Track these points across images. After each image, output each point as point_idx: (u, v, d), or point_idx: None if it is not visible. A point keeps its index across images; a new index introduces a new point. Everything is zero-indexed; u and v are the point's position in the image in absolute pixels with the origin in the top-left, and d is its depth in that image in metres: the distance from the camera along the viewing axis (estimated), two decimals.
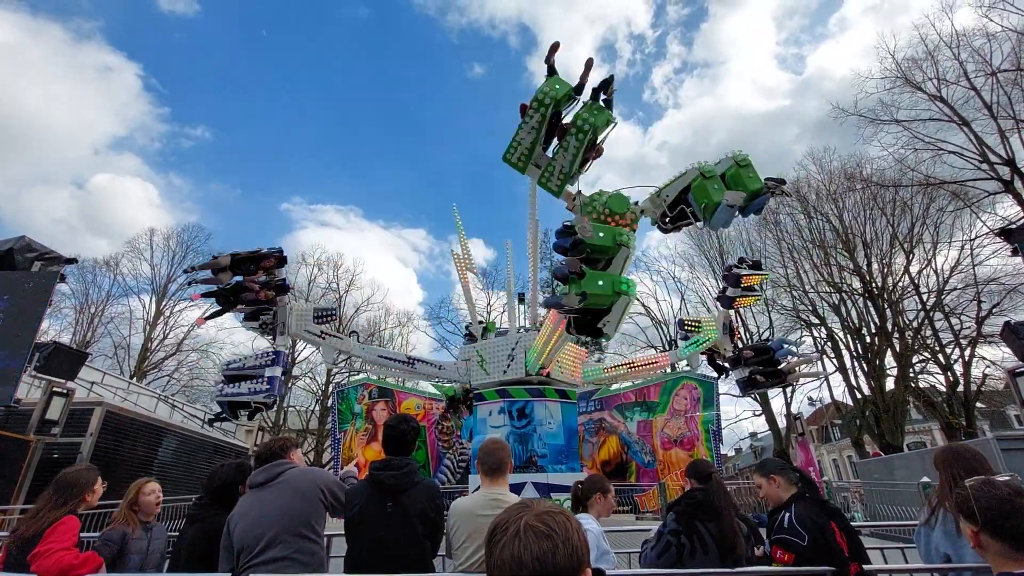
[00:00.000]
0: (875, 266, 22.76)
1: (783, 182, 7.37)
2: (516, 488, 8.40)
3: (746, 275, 10.94)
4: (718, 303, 11.92)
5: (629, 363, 12.62)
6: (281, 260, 9.31)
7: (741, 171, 6.93)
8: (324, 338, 10.21)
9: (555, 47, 6.96)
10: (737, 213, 7.04)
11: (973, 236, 20.64)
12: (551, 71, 6.95)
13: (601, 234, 6.43)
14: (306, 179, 76.57)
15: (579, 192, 7.33)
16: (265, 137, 78.96)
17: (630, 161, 78.11)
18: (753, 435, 41.95)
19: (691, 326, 12.47)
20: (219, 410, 9.63)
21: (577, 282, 6.07)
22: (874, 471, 13.64)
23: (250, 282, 8.88)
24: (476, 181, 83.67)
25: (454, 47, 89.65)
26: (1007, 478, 1.68)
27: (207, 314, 9.53)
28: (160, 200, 61.14)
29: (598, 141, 6.86)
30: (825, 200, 24.50)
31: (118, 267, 29.47)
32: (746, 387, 11.45)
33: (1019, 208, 17.88)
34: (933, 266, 21.76)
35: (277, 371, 9.15)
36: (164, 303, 29.47)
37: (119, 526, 3.27)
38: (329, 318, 10.33)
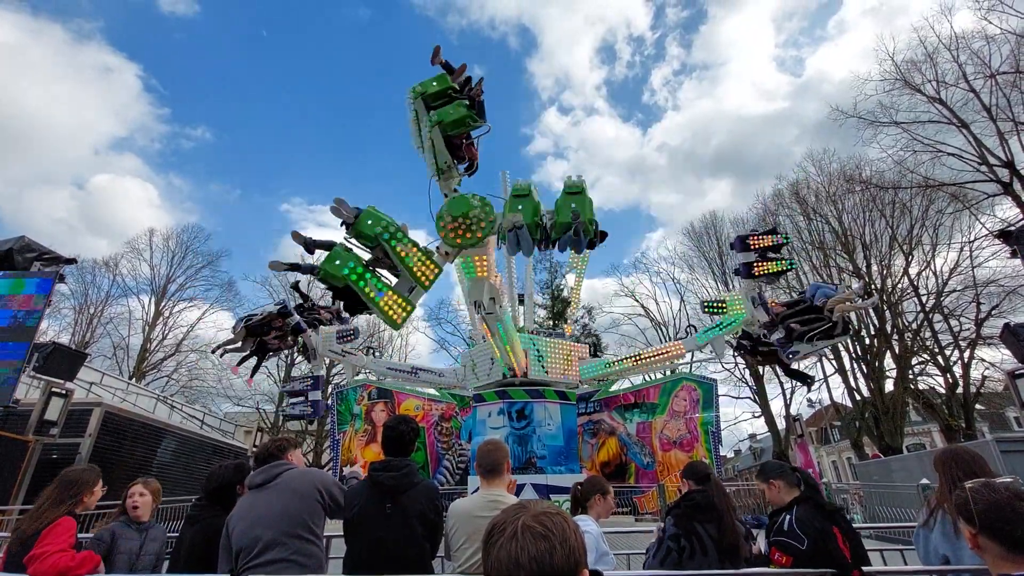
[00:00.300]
0: (874, 268, 22.79)
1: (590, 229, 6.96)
2: (517, 490, 8.37)
3: (755, 237, 9.38)
4: (738, 277, 10.21)
5: (636, 356, 12.10)
6: (286, 314, 10.23)
7: (567, 198, 7.04)
8: (344, 356, 11.68)
9: (438, 49, 7.14)
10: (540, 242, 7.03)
11: (972, 238, 20.69)
12: (447, 69, 7.07)
13: (369, 221, 6.58)
14: (306, 180, 76.69)
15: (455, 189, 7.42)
16: (265, 138, 79.09)
17: (629, 162, 78.22)
18: (752, 437, 41.98)
19: (715, 307, 11.21)
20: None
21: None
22: (873, 473, 13.63)
23: (269, 341, 10.08)
24: (476, 181, 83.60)
25: (454, 48, 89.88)
26: (1007, 481, 1.68)
27: (239, 362, 10.64)
28: (160, 200, 61.25)
29: (451, 135, 6.86)
30: (824, 202, 24.53)
31: (117, 267, 29.47)
32: (786, 345, 9.47)
33: (1018, 210, 17.90)
34: (932, 268, 21.81)
35: (318, 395, 11.41)
36: (163, 304, 29.46)
37: (110, 525, 3.30)
38: (350, 338, 11.68)
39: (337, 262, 6.41)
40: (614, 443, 16.48)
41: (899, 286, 22.30)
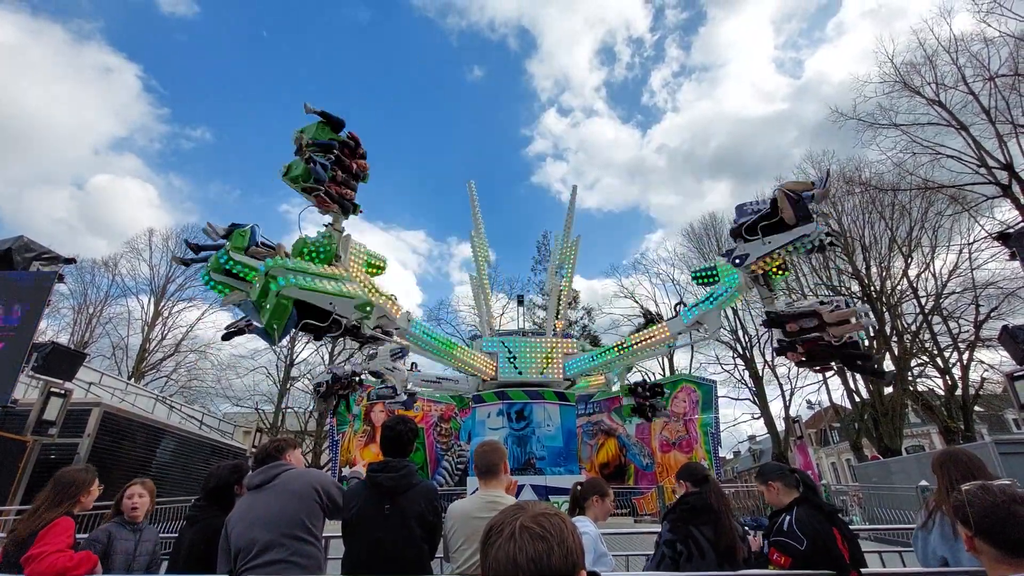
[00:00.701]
0: (874, 269, 22.81)
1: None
2: (518, 490, 8.36)
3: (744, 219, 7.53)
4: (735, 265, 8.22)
5: (619, 345, 10.44)
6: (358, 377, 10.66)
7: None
8: (394, 372, 12.01)
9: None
10: None
11: (971, 240, 20.72)
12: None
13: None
14: None
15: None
16: (264, 138, 79.07)
17: (629, 164, 78.25)
18: (752, 438, 41.96)
19: (706, 277, 9.10)
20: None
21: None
22: (872, 475, 13.63)
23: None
24: (474, 182, 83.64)
25: (454, 49, 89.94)
26: (1004, 483, 1.68)
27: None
28: (160, 200, 61.19)
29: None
30: (824, 203, 24.56)
31: (116, 267, 29.44)
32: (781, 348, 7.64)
33: (1017, 212, 17.93)
34: (931, 270, 21.83)
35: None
36: (163, 304, 29.43)
37: (106, 525, 3.29)
38: (400, 356, 12.12)
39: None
40: (613, 444, 16.50)
41: (898, 288, 22.34)
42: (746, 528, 3.20)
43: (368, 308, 6.79)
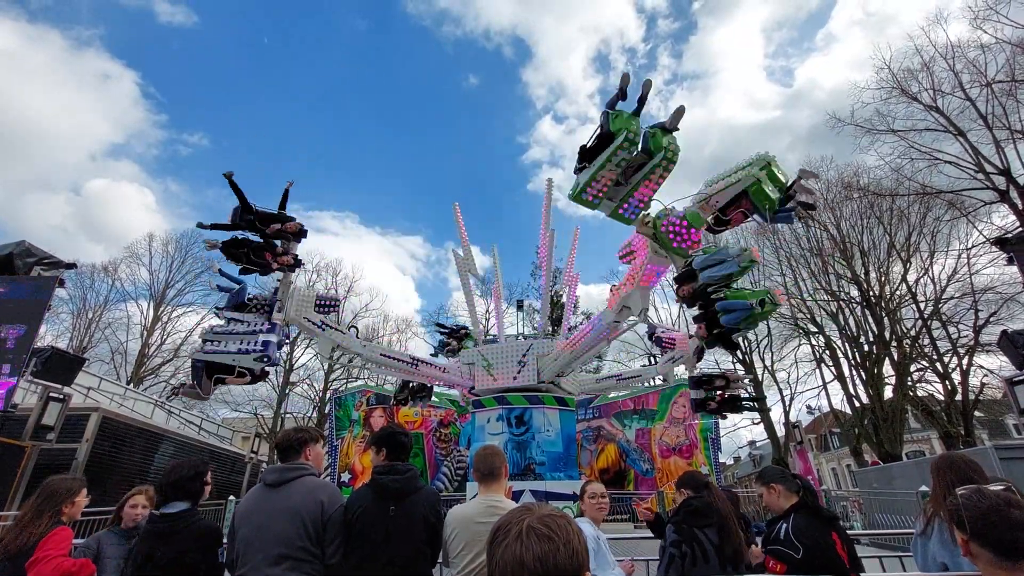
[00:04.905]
0: (873, 275, 22.84)
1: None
2: (514, 496, 8.33)
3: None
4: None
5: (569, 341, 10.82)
6: (301, 233, 8.54)
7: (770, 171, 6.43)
8: (323, 329, 9.50)
9: (626, 78, 6.42)
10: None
11: (970, 245, 20.78)
12: (640, 102, 6.48)
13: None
14: (303, 185, 76.81)
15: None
16: (261, 144, 79.28)
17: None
18: (752, 443, 41.85)
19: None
20: (188, 378, 8.29)
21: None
22: (873, 480, 13.59)
23: (265, 252, 8.27)
24: (471, 189, 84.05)
25: (450, 57, 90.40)
26: (999, 487, 1.69)
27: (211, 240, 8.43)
28: (157, 206, 61.33)
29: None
30: (823, 209, 24.61)
31: (116, 272, 29.43)
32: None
33: (1014, 218, 18.00)
34: (930, 275, 21.87)
35: (273, 338, 8.16)
36: (162, 308, 29.41)
37: (96, 534, 3.30)
38: (331, 308, 9.76)
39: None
40: (613, 449, 16.45)
41: (897, 293, 22.36)
42: (755, 529, 3.20)
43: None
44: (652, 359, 11.76)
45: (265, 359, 7.97)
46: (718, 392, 9.14)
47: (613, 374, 13.50)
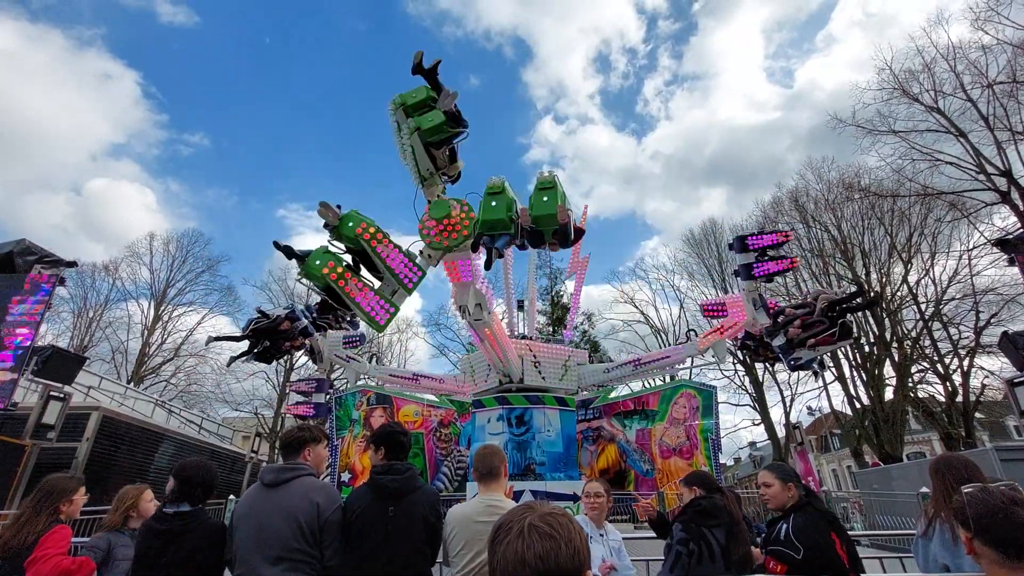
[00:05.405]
0: (874, 276, 22.83)
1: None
2: (515, 496, 8.34)
3: (754, 237, 8.93)
4: (737, 278, 9.67)
5: (636, 360, 11.96)
6: (294, 318, 9.83)
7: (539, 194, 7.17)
8: (349, 361, 11.78)
9: (420, 55, 6.88)
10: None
11: (971, 246, 20.78)
12: (428, 79, 6.87)
13: (350, 224, 6.81)
14: (302, 186, 76.88)
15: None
16: (262, 144, 79.28)
17: (624, 171, 78.52)
18: (752, 444, 41.84)
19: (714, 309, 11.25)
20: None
21: None
22: (873, 481, 13.58)
23: (281, 343, 9.82)
24: (471, 190, 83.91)
25: (450, 58, 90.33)
26: (1004, 486, 1.68)
27: (233, 359, 10.13)
28: (157, 206, 61.37)
29: (430, 142, 6.77)
30: (823, 210, 24.62)
31: (117, 271, 29.45)
32: (788, 352, 8.82)
33: (1016, 219, 17.98)
34: (931, 276, 21.87)
35: (322, 397, 11.43)
36: (163, 308, 29.43)
37: (105, 532, 3.20)
38: (356, 343, 11.86)
39: (317, 262, 6.54)
40: (613, 450, 16.42)
41: (898, 294, 22.35)
42: (755, 530, 3.20)
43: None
44: (692, 334, 11.97)
45: (317, 416, 11.28)
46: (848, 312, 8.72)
47: (630, 359, 13.54)
